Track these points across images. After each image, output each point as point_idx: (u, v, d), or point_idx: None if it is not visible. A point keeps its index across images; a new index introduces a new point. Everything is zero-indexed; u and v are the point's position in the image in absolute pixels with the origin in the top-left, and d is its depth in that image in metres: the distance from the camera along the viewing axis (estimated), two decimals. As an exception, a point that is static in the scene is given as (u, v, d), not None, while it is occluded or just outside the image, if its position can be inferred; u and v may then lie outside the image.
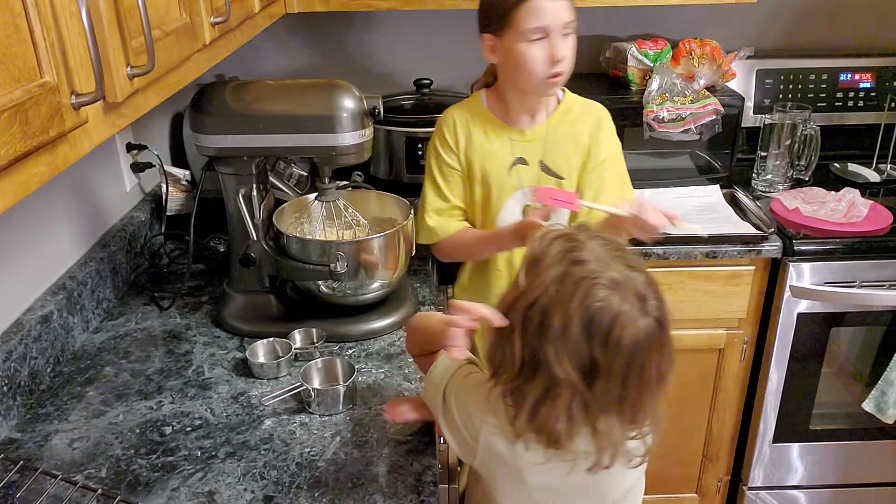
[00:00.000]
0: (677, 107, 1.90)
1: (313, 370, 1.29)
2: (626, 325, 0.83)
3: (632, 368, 0.85)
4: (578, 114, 1.47)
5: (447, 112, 1.51)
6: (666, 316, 0.87)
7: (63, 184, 1.46)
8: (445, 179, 1.49)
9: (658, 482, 2.06)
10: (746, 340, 1.90)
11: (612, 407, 0.87)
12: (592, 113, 1.48)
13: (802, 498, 2.07)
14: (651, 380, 0.87)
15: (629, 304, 0.84)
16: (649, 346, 0.85)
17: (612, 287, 0.84)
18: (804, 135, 2.01)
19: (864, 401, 1.86)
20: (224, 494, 1.07)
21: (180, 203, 1.82)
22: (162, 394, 1.29)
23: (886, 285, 1.78)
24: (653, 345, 0.85)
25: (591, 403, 0.86)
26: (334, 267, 1.36)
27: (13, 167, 0.64)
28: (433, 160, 1.50)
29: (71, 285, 1.41)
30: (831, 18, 2.20)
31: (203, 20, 1.10)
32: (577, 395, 0.86)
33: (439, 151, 1.49)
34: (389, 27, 2.18)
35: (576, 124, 1.46)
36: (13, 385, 1.21)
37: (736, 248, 1.77)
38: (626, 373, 0.85)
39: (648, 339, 0.85)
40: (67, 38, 0.71)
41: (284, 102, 1.37)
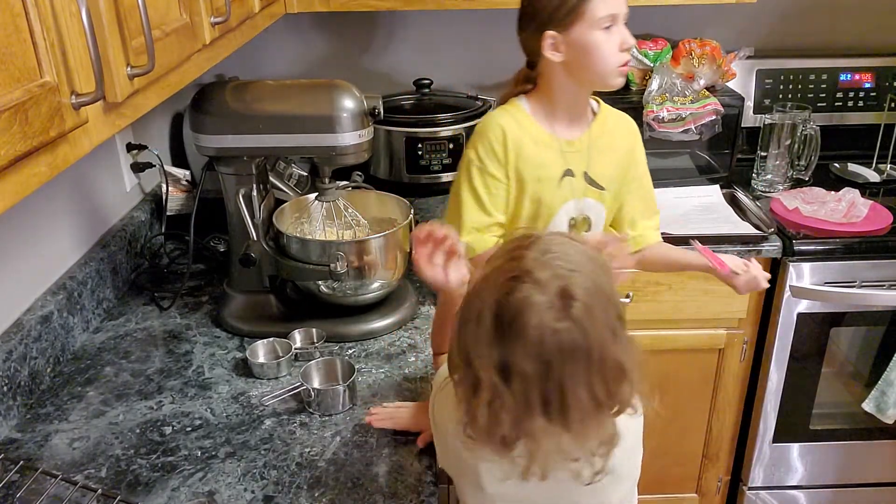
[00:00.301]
0: (677, 107, 1.90)
1: (313, 370, 1.29)
2: (531, 317, 0.79)
3: (550, 374, 0.80)
4: (615, 125, 1.44)
5: (492, 122, 1.38)
6: (593, 328, 0.80)
7: (63, 184, 1.46)
8: (490, 193, 1.37)
9: (658, 482, 2.06)
10: (746, 340, 1.90)
11: (535, 413, 0.82)
12: (627, 124, 1.47)
13: (802, 498, 2.07)
14: (581, 397, 0.81)
15: (546, 298, 0.79)
16: (569, 354, 0.80)
17: (532, 282, 0.80)
18: (804, 135, 2.01)
19: (864, 401, 1.86)
20: (224, 494, 1.07)
21: (180, 203, 1.82)
22: (162, 394, 1.29)
23: (886, 285, 1.78)
24: (575, 355, 0.80)
25: (511, 404, 0.82)
26: (334, 267, 1.36)
27: (13, 167, 0.64)
28: (475, 171, 1.37)
29: (71, 285, 1.41)
30: (831, 18, 2.20)
31: (203, 20, 1.10)
32: (497, 394, 0.82)
33: (484, 163, 1.36)
34: (389, 27, 2.18)
35: (614, 136, 1.45)
36: (13, 385, 1.21)
37: (736, 248, 1.77)
38: (543, 377, 0.80)
39: (565, 344, 0.79)
40: (67, 38, 0.71)
41: (284, 102, 1.37)
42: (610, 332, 0.82)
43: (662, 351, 1.87)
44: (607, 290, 0.83)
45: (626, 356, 0.83)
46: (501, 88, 2.22)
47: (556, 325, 0.79)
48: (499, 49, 2.21)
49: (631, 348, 0.85)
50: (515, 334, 0.80)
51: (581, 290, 0.80)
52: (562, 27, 1.28)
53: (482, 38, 2.20)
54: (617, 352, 0.82)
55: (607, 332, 0.81)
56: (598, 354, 0.81)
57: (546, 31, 1.30)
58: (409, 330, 1.47)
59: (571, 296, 0.80)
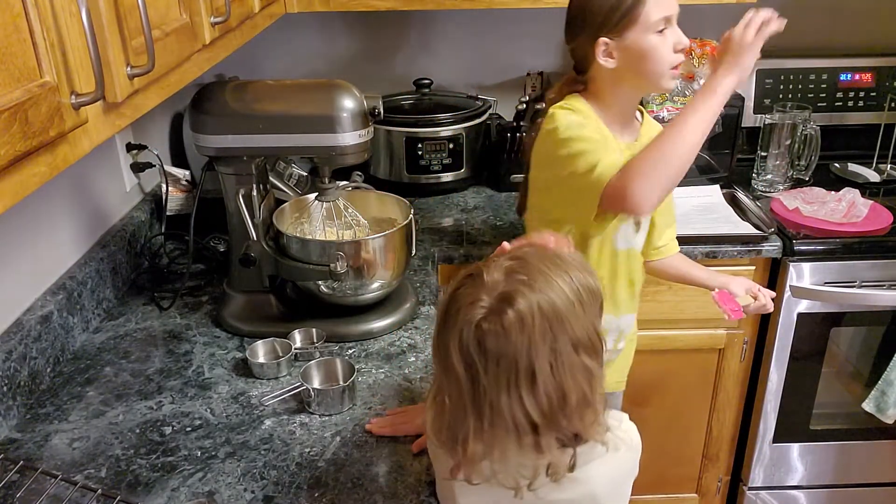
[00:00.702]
0: (677, 107, 1.90)
1: (313, 370, 1.29)
2: (464, 312, 0.81)
3: (475, 375, 0.81)
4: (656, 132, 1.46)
5: (572, 104, 1.31)
6: (521, 340, 0.80)
7: (63, 184, 1.46)
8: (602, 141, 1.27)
9: (658, 482, 2.06)
10: (746, 340, 1.90)
11: (468, 417, 0.83)
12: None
13: (802, 498, 2.07)
14: (507, 410, 0.81)
15: (485, 298, 0.81)
16: (493, 359, 0.80)
17: (481, 281, 0.83)
18: (804, 135, 2.01)
19: (864, 401, 1.86)
20: (224, 494, 1.07)
21: (180, 203, 1.82)
22: (162, 394, 1.29)
23: (886, 285, 1.78)
24: (500, 362, 0.80)
25: (448, 402, 0.84)
26: (334, 267, 1.36)
27: (13, 167, 0.64)
28: (576, 127, 1.26)
29: (71, 285, 1.41)
30: (831, 18, 2.20)
31: (203, 20, 1.10)
32: (441, 388, 0.84)
33: (583, 125, 1.27)
34: (389, 27, 2.18)
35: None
36: (13, 385, 1.21)
37: (736, 248, 1.77)
38: (470, 378, 0.81)
39: (488, 346, 0.80)
40: (67, 38, 0.71)
41: (284, 102, 1.37)
42: (550, 352, 0.81)
43: (662, 351, 1.87)
44: (563, 316, 0.82)
45: (573, 384, 0.82)
46: (501, 88, 2.25)
47: (483, 324, 0.80)
48: (499, 49, 2.22)
49: (588, 382, 0.84)
50: (450, 327, 0.83)
51: (524, 303, 0.80)
52: (615, 33, 1.26)
53: (482, 38, 2.20)
54: (556, 374, 0.81)
55: (543, 350, 0.80)
56: (527, 369, 0.80)
57: (599, 38, 1.27)
58: (409, 330, 1.47)
59: (510, 303, 0.80)
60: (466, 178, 2.09)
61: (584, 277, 0.86)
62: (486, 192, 2.11)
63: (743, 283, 1.48)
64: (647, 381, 1.62)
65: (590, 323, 0.85)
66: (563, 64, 2.24)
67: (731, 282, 1.48)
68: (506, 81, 2.26)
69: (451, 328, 0.83)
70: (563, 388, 0.82)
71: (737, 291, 1.46)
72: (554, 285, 0.82)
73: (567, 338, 0.82)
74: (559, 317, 0.81)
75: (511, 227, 1.88)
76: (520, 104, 2.01)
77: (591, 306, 0.85)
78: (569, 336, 0.82)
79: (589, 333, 0.84)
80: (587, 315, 0.84)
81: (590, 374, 0.84)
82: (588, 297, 0.85)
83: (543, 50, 2.21)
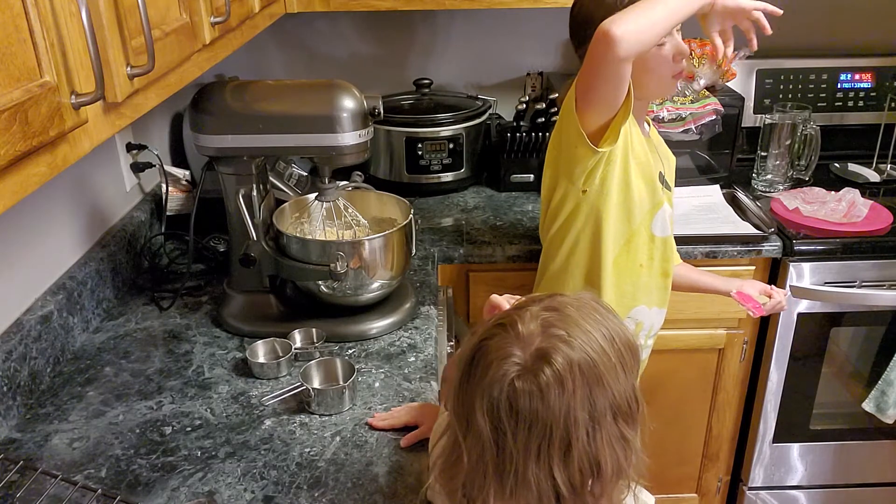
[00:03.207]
0: (677, 107, 1.90)
1: (313, 370, 1.29)
2: (497, 367, 0.73)
3: (503, 438, 0.72)
4: (660, 137, 1.50)
5: None
6: (560, 402, 0.71)
7: (63, 184, 1.46)
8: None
9: (658, 482, 2.06)
10: (746, 340, 1.90)
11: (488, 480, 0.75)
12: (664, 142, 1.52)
13: (802, 498, 2.07)
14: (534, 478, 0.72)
15: (520, 353, 0.73)
16: (524, 421, 0.71)
17: (515, 333, 0.74)
18: (804, 135, 2.01)
19: (864, 401, 1.86)
20: (224, 494, 1.07)
21: (180, 203, 1.82)
22: (162, 394, 1.29)
23: (886, 285, 1.78)
24: (533, 426, 0.71)
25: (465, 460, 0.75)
26: (334, 267, 1.36)
27: (13, 167, 0.64)
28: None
29: (71, 285, 1.41)
30: (831, 18, 2.20)
31: (203, 20, 1.10)
32: (457, 444, 0.76)
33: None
34: (390, 27, 2.18)
35: (662, 144, 1.50)
36: (13, 385, 1.21)
37: (736, 248, 1.77)
38: (496, 440, 0.73)
39: (521, 408, 0.72)
40: (67, 38, 0.71)
41: (284, 102, 1.36)
42: (588, 417, 0.73)
43: (662, 351, 1.86)
44: (601, 375, 0.74)
45: (609, 455, 0.74)
46: (501, 88, 2.25)
47: (517, 383, 0.72)
48: (499, 49, 2.23)
49: (623, 453, 0.76)
50: (477, 381, 0.74)
51: (562, 360, 0.72)
52: None
53: (482, 38, 2.20)
54: (593, 444, 0.73)
55: (581, 415, 0.72)
56: (563, 436, 0.72)
57: None
58: (409, 330, 1.47)
59: (549, 360, 0.72)
60: (466, 178, 2.09)
61: (625, 334, 0.78)
62: (486, 192, 2.11)
63: (755, 285, 1.55)
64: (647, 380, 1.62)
65: (630, 386, 0.77)
66: (563, 64, 2.24)
67: (744, 284, 1.54)
68: (506, 81, 2.26)
69: (478, 383, 0.74)
70: (599, 459, 0.74)
71: (751, 293, 1.52)
72: (594, 343, 0.74)
73: (607, 402, 0.74)
74: (599, 379, 0.73)
75: (511, 227, 1.88)
76: (520, 104, 2.01)
77: (631, 368, 0.77)
78: (609, 401, 0.74)
79: (629, 398, 0.76)
80: (628, 378, 0.76)
81: (626, 444, 0.76)
82: (629, 357, 0.77)
83: (543, 50, 2.22)
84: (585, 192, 1.35)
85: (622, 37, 1.13)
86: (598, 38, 1.16)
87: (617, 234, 1.38)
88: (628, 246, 1.40)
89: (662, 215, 1.41)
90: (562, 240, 1.42)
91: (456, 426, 0.78)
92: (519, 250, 1.76)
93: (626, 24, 1.14)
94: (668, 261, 1.47)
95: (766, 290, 1.54)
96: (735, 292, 1.52)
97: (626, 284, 1.42)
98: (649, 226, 1.41)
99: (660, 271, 1.45)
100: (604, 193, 1.35)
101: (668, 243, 1.46)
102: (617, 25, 1.14)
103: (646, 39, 1.18)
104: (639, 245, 1.41)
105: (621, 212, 1.37)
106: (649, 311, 1.47)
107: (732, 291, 1.52)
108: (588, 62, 1.22)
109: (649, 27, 1.17)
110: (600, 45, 1.17)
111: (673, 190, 1.49)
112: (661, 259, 1.45)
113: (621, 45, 1.14)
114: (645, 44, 1.19)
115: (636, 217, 1.38)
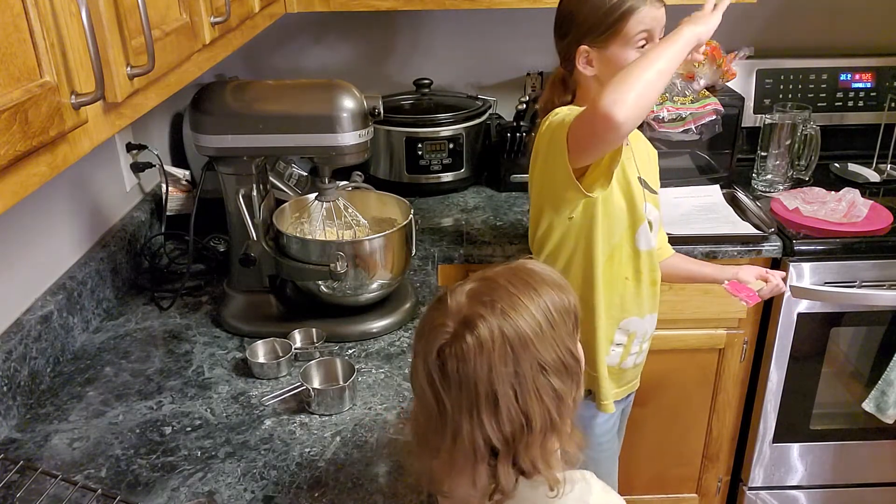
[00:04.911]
0: (677, 107, 1.90)
1: (313, 370, 1.29)
2: (429, 333, 0.81)
3: (438, 397, 0.80)
4: (640, 136, 1.48)
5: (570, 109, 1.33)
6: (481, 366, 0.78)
7: (63, 184, 1.46)
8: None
9: (658, 482, 2.06)
10: (746, 340, 1.90)
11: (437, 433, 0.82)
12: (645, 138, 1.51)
13: (802, 498, 2.07)
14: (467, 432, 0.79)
15: (449, 322, 0.80)
16: (454, 383, 0.79)
17: (448, 301, 0.82)
18: (804, 135, 2.01)
19: (864, 401, 1.86)
20: (224, 494, 1.07)
21: (180, 203, 1.82)
22: (162, 394, 1.29)
23: (886, 285, 1.78)
24: (461, 386, 0.78)
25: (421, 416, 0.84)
26: (334, 267, 1.36)
27: (13, 167, 0.64)
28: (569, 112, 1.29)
29: (71, 285, 1.41)
30: (831, 18, 2.20)
31: (203, 20, 1.10)
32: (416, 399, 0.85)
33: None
34: (389, 27, 2.18)
35: (645, 145, 1.50)
36: (13, 385, 1.21)
37: (736, 248, 1.77)
38: (433, 398, 0.81)
39: (448, 370, 0.79)
40: (67, 38, 0.71)
41: (284, 102, 1.36)
42: (513, 376, 0.78)
43: (662, 351, 1.87)
44: (528, 339, 0.79)
45: (538, 408, 0.79)
46: (501, 88, 2.25)
47: (445, 349, 0.79)
48: (499, 49, 2.22)
49: (557, 406, 0.81)
50: (418, 351, 0.83)
51: (484, 327, 0.78)
52: (597, 44, 1.29)
53: (482, 38, 2.20)
54: (520, 399, 0.79)
55: (505, 375, 0.78)
56: (488, 395, 0.78)
57: (581, 46, 1.30)
58: (409, 330, 1.47)
59: (470, 328, 0.78)
60: (466, 178, 2.09)
61: (556, 295, 0.83)
62: (486, 192, 2.11)
63: (751, 270, 1.53)
64: (647, 380, 1.62)
65: (561, 343, 0.82)
66: (563, 64, 2.24)
67: (739, 271, 1.52)
68: (505, 81, 2.26)
69: (419, 352, 0.82)
70: (528, 413, 0.79)
71: (747, 279, 1.50)
72: (519, 307, 0.80)
73: (533, 361, 0.79)
74: (523, 340, 0.79)
75: (511, 227, 1.88)
76: (520, 104, 2.01)
77: (562, 326, 0.82)
78: (535, 359, 0.79)
79: (560, 354, 0.81)
80: (557, 335, 0.81)
81: (558, 396, 0.81)
82: (559, 317, 0.82)
83: (543, 50, 2.20)
84: (572, 219, 1.35)
85: (625, 121, 1.10)
86: (600, 118, 1.12)
87: (604, 249, 1.39)
88: (611, 261, 1.39)
89: (645, 229, 1.41)
90: (553, 262, 1.42)
91: (413, 389, 0.87)
92: (519, 250, 1.76)
93: (627, 106, 1.10)
94: (656, 270, 1.47)
95: (763, 275, 1.52)
96: (727, 283, 1.49)
97: (614, 297, 1.42)
98: (632, 241, 1.41)
99: (648, 281, 1.45)
100: (587, 217, 1.34)
101: (653, 255, 1.45)
102: (619, 108, 1.10)
103: (646, 108, 1.16)
104: (622, 259, 1.41)
105: (604, 227, 1.37)
106: (642, 321, 1.47)
107: (725, 283, 1.50)
108: (587, 133, 1.18)
109: (648, 95, 1.14)
110: (601, 125, 1.13)
111: (658, 190, 1.48)
112: (650, 270, 1.45)
113: (625, 126, 1.12)
114: (645, 112, 1.16)
115: (616, 233, 1.38)
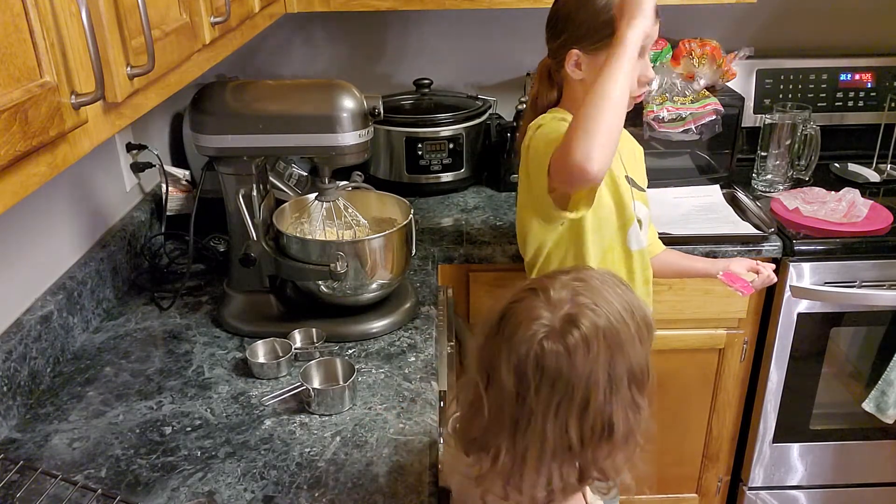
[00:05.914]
0: (677, 107, 1.90)
1: (313, 370, 1.29)
2: (526, 327, 0.78)
3: (524, 394, 0.77)
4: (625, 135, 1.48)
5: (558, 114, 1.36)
6: (584, 364, 0.76)
7: (63, 184, 1.46)
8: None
9: (658, 482, 2.06)
10: (746, 340, 1.90)
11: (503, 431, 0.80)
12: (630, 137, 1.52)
13: (802, 498, 2.07)
14: (549, 433, 0.77)
15: (549, 316, 0.78)
16: (548, 380, 0.76)
17: (546, 298, 0.79)
18: (804, 135, 2.01)
19: (864, 401, 1.86)
20: (224, 494, 1.07)
21: (180, 203, 1.82)
22: (162, 394, 1.29)
23: (886, 285, 1.78)
24: (556, 385, 0.76)
25: (485, 412, 0.80)
26: (334, 267, 1.36)
27: (13, 167, 0.64)
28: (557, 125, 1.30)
29: (71, 285, 1.41)
30: (831, 18, 2.20)
31: (203, 20, 1.10)
32: (478, 396, 0.81)
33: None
34: (389, 27, 2.18)
35: (631, 143, 1.51)
36: (13, 385, 1.21)
37: (736, 248, 1.77)
38: (518, 395, 0.78)
39: (547, 367, 0.77)
40: (67, 38, 0.71)
41: (284, 102, 1.36)
42: (607, 380, 0.77)
43: (662, 351, 1.87)
44: (622, 343, 0.79)
45: (622, 418, 0.79)
46: (501, 88, 2.25)
47: (545, 343, 0.77)
48: (499, 49, 2.22)
49: (634, 418, 0.80)
50: (506, 338, 0.79)
51: (589, 325, 0.77)
52: (588, 49, 1.29)
53: (482, 38, 2.20)
54: (609, 406, 0.78)
55: (602, 378, 0.77)
56: (583, 396, 0.77)
57: (571, 50, 1.30)
58: (408, 330, 1.47)
59: (576, 324, 0.77)
60: (466, 178, 2.09)
61: (642, 308, 0.83)
62: (486, 192, 2.11)
63: (743, 263, 1.56)
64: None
65: (645, 357, 0.81)
66: (563, 64, 2.24)
67: (731, 263, 1.55)
68: (505, 81, 2.26)
69: (506, 341, 0.79)
70: (612, 420, 0.78)
71: (738, 271, 1.52)
72: (616, 313, 0.79)
73: (625, 369, 0.78)
74: (620, 346, 0.78)
75: (511, 227, 1.87)
76: (520, 104, 2.01)
77: (647, 340, 0.82)
78: (626, 367, 0.79)
79: (643, 368, 0.81)
80: (644, 349, 0.81)
81: (637, 410, 0.81)
82: (645, 330, 0.82)
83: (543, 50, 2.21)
84: (562, 224, 1.37)
85: (600, 169, 1.12)
86: (576, 171, 1.13)
87: (595, 252, 1.39)
88: (603, 264, 1.40)
89: (636, 228, 1.41)
90: (546, 267, 1.44)
91: (478, 380, 0.82)
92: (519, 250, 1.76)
93: (596, 155, 1.11)
94: (648, 268, 1.48)
95: (754, 267, 1.54)
96: (721, 274, 1.51)
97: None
98: (623, 242, 1.42)
99: (641, 281, 1.47)
100: (576, 220, 1.35)
101: (644, 254, 1.46)
102: (591, 161, 1.11)
103: (615, 143, 1.16)
104: (614, 261, 1.42)
105: (594, 228, 1.38)
106: None
107: (719, 273, 1.52)
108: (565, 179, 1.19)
109: (612, 136, 1.15)
110: (577, 176, 1.14)
111: (646, 188, 1.49)
112: (642, 269, 1.46)
113: (600, 174, 1.13)
114: (615, 146, 1.17)
115: (606, 234, 1.40)
